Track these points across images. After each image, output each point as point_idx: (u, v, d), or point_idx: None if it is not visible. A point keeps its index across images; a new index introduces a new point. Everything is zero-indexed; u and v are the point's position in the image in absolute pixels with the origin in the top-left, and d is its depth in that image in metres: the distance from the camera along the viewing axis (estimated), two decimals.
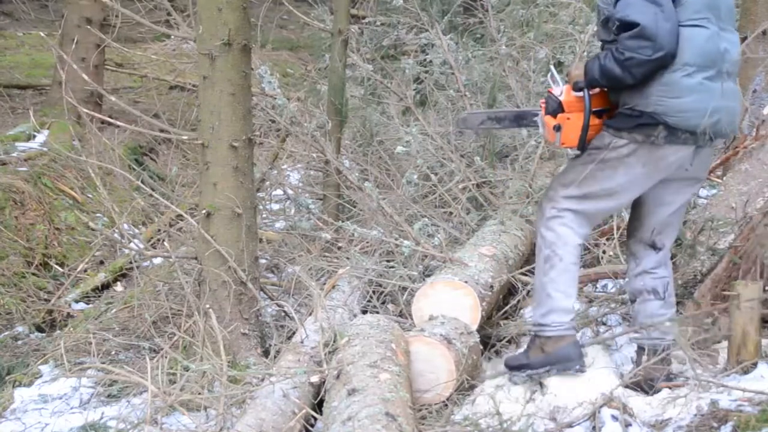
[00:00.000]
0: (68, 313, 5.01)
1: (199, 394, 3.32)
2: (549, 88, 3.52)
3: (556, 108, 3.44)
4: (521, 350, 3.70)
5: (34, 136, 6.73)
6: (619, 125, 3.33)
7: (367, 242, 4.82)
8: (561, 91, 3.46)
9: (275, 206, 6.36)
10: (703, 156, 3.40)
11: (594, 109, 3.40)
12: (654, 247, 3.57)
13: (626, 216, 3.92)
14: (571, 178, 3.46)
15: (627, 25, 3.16)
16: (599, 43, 3.53)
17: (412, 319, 3.94)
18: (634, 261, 3.61)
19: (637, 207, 3.56)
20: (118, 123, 4.81)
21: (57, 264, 5.48)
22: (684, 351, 3.48)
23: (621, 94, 3.33)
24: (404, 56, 7.07)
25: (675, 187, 3.46)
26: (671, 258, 4.16)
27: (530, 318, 3.58)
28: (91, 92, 7.01)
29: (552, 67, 3.59)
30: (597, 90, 3.41)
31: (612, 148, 3.35)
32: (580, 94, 3.40)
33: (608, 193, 3.42)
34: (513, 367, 3.57)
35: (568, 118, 3.42)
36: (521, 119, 3.81)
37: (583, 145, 3.42)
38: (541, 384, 3.51)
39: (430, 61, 6.37)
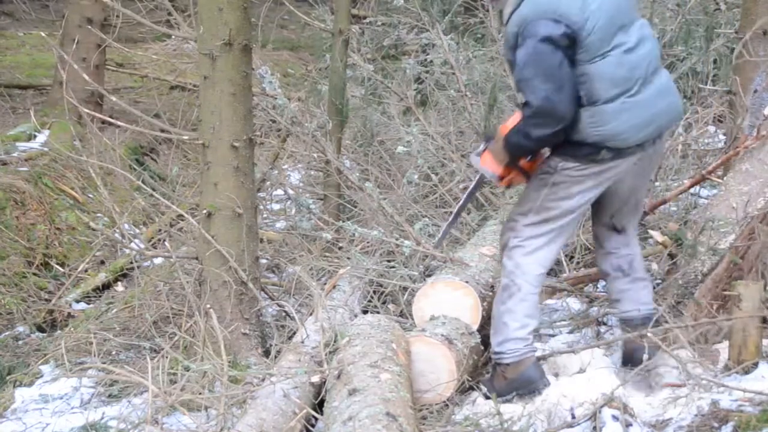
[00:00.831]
0: (69, 313, 5.01)
1: (200, 394, 3.32)
2: (479, 172, 3.61)
3: (497, 179, 3.53)
4: (488, 376, 3.69)
5: (35, 136, 6.73)
6: (565, 152, 3.34)
7: (368, 242, 4.82)
8: (488, 165, 3.50)
9: (276, 206, 6.36)
10: (653, 152, 3.43)
11: (524, 166, 3.48)
12: (614, 228, 3.62)
13: None
14: (528, 206, 3.46)
15: (525, 100, 3.21)
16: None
17: (412, 319, 3.94)
18: (598, 243, 3.69)
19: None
20: (119, 123, 4.82)
21: (58, 264, 5.49)
22: (687, 351, 3.48)
23: None
24: (405, 56, 7.07)
25: (627, 182, 3.47)
26: (672, 258, 4.18)
27: (492, 344, 3.58)
28: (91, 92, 7.01)
29: (472, 155, 3.63)
30: None
31: (561, 170, 3.36)
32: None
33: (565, 212, 3.43)
34: (486, 393, 3.54)
35: (511, 179, 3.53)
36: (471, 197, 3.97)
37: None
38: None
39: (431, 61, 6.38)
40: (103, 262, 5.68)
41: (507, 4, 3.30)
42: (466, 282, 3.86)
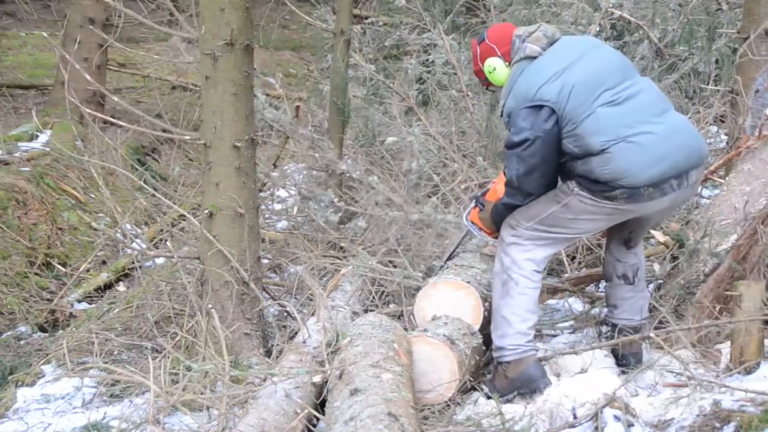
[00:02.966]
0: (71, 313, 5.01)
1: (202, 394, 3.32)
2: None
3: (485, 238, 3.93)
4: (489, 376, 3.71)
5: (37, 136, 6.74)
6: (582, 182, 3.43)
7: (370, 242, 4.82)
8: (478, 224, 3.86)
9: (278, 206, 6.36)
10: (677, 196, 3.48)
11: None
12: (627, 243, 3.73)
13: None
14: (534, 213, 3.54)
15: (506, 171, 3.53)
16: None
17: (414, 319, 3.94)
18: (608, 249, 3.81)
19: None
20: (121, 123, 4.82)
21: (59, 264, 5.49)
22: (688, 351, 3.49)
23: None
24: (406, 56, 7.06)
25: (654, 217, 3.64)
26: (674, 259, 4.18)
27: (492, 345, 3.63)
28: (93, 92, 7.02)
29: (464, 217, 3.99)
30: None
31: (576, 194, 3.45)
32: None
33: (567, 232, 3.56)
34: (488, 392, 3.59)
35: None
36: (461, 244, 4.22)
37: None
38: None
39: (433, 61, 6.37)
40: (104, 262, 5.68)
41: (501, 96, 3.60)
42: (468, 282, 3.86)
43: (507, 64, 3.59)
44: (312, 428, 3.34)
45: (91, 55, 7.26)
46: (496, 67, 3.62)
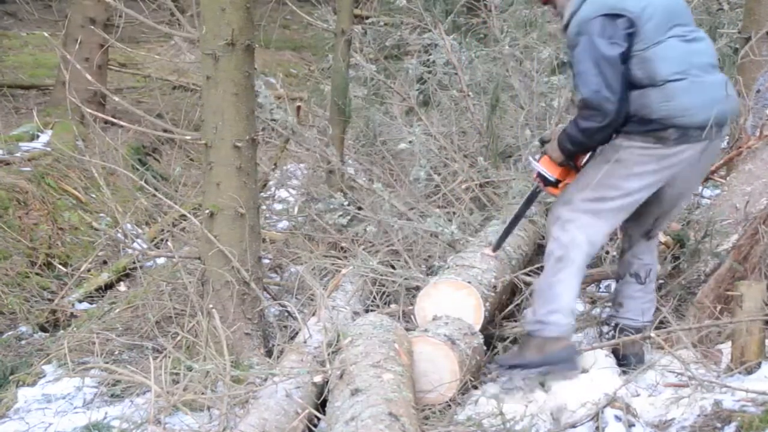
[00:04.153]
0: (71, 313, 5.01)
1: (202, 394, 3.32)
2: (536, 173, 3.73)
3: (554, 183, 3.68)
4: (513, 350, 3.69)
5: (38, 136, 6.75)
6: (631, 129, 3.43)
7: (371, 242, 4.82)
8: (545, 171, 3.67)
9: (278, 206, 6.36)
10: (710, 151, 3.50)
11: (581, 166, 3.64)
12: (647, 235, 3.72)
13: None
14: (587, 181, 3.52)
15: (580, 93, 3.37)
16: None
17: (415, 319, 3.94)
18: (627, 243, 3.77)
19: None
20: (122, 123, 4.82)
21: (60, 264, 5.49)
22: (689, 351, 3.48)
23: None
24: (407, 56, 7.07)
25: (682, 182, 3.55)
26: (675, 260, 4.18)
27: (530, 317, 3.58)
28: (94, 92, 7.02)
29: (530, 159, 3.87)
30: None
31: (626, 149, 3.44)
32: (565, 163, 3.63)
33: (623, 193, 3.49)
34: (507, 367, 3.57)
35: (567, 182, 3.65)
36: (530, 201, 3.99)
37: None
38: (542, 384, 3.51)
39: (434, 62, 6.37)
40: (105, 262, 5.68)
41: (566, 8, 3.50)
42: (469, 282, 3.85)
43: None
44: (313, 428, 3.34)
45: (92, 55, 7.27)
46: None
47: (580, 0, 3.44)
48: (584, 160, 3.64)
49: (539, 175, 3.70)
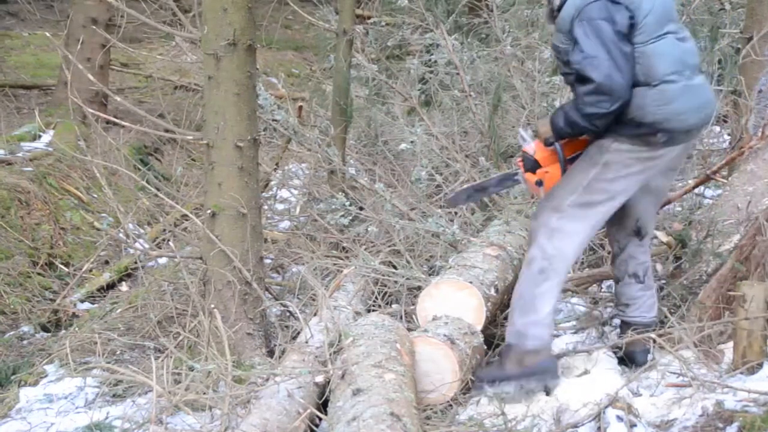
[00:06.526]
0: (73, 313, 5.02)
1: (204, 394, 3.32)
2: (522, 147, 3.64)
3: (533, 165, 3.58)
4: (493, 363, 3.68)
5: (40, 136, 6.75)
6: (621, 131, 3.40)
7: (372, 242, 4.82)
8: (533, 147, 3.59)
9: (280, 206, 6.37)
10: (688, 148, 3.58)
11: (568, 157, 3.55)
12: (638, 234, 3.72)
13: None
14: (575, 184, 3.47)
15: (584, 78, 3.26)
16: None
17: (416, 319, 3.94)
18: (618, 247, 3.76)
19: None
20: (123, 123, 4.82)
21: (62, 264, 5.50)
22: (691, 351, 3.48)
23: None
24: (409, 56, 7.07)
25: (659, 178, 3.59)
26: (677, 260, 4.18)
27: (509, 327, 3.56)
28: (96, 92, 7.02)
29: (521, 129, 3.71)
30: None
31: (613, 152, 3.42)
32: (552, 147, 3.55)
33: (609, 197, 3.48)
34: (486, 380, 3.52)
35: (547, 172, 3.58)
36: (504, 181, 3.98)
37: None
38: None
39: (435, 62, 6.37)
40: (107, 262, 5.69)
41: None
42: (470, 282, 3.85)
43: None
44: (314, 428, 3.34)
45: (93, 55, 7.27)
46: None
47: None
48: (572, 156, 3.55)
49: (523, 157, 3.62)
